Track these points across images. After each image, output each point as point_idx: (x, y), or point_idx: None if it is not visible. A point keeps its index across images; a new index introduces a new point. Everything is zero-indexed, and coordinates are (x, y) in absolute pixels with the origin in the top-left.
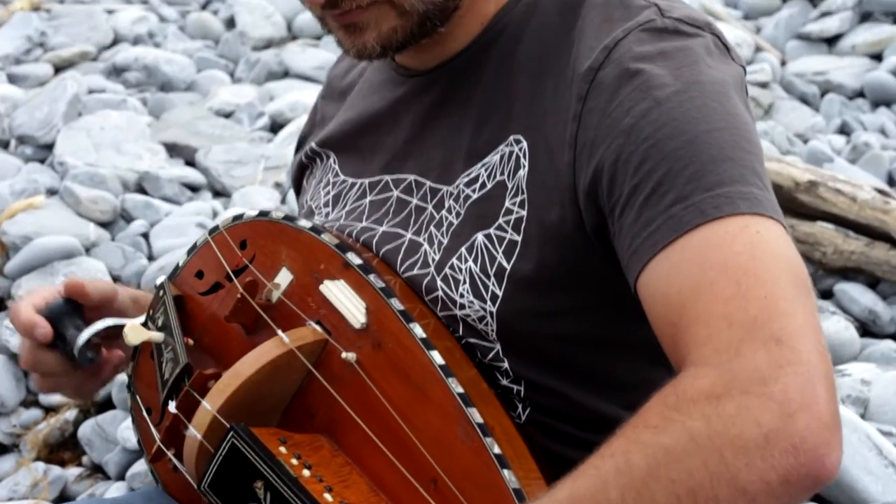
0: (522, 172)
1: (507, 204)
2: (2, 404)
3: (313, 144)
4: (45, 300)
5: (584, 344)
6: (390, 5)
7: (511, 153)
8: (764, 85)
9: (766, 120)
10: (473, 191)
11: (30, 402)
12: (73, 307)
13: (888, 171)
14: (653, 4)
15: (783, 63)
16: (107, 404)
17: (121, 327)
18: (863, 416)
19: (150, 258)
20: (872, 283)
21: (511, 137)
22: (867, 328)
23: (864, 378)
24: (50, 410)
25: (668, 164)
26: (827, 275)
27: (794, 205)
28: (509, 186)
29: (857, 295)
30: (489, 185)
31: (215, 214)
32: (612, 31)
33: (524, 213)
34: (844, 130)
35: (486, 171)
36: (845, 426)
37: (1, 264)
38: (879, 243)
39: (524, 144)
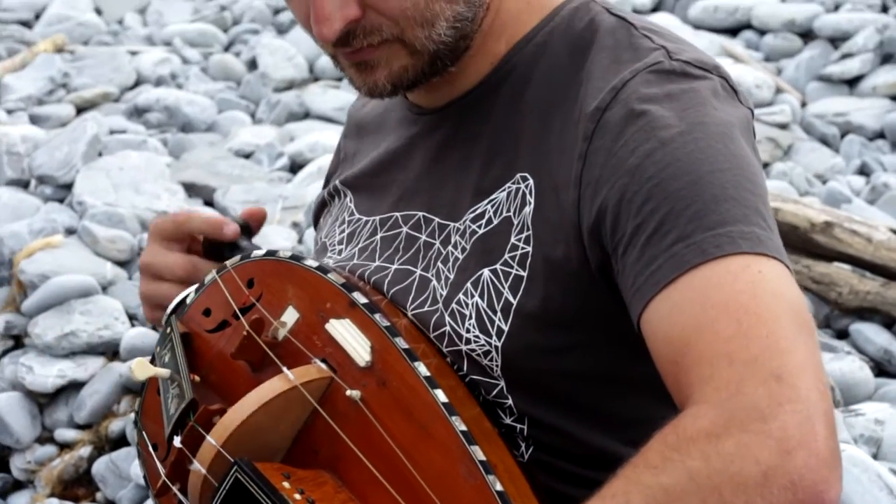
0: (528, 209)
1: (513, 240)
2: (17, 441)
3: (336, 182)
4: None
5: (588, 381)
6: (401, 44)
7: (517, 190)
8: (784, 126)
9: (786, 161)
10: (479, 226)
11: (44, 438)
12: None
13: None
14: (661, 47)
15: (804, 104)
16: (120, 441)
17: None
18: (875, 456)
19: None
20: (888, 322)
21: (518, 175)
22: (882, 368)
23: (877, 418)
24: (64, 447)
25: (671, 203)
26: (843, 315)
27: (811, 245)
28: (515, 223)
29: (873, 335)
30: (495, 221)
31: None
32: (620, 72)
33: (529, 249)
34: (864, 171)
35: (492, 207)
36: (857, 465)
37: (18, 302)
38: (895, 283)
39: (531, 182)
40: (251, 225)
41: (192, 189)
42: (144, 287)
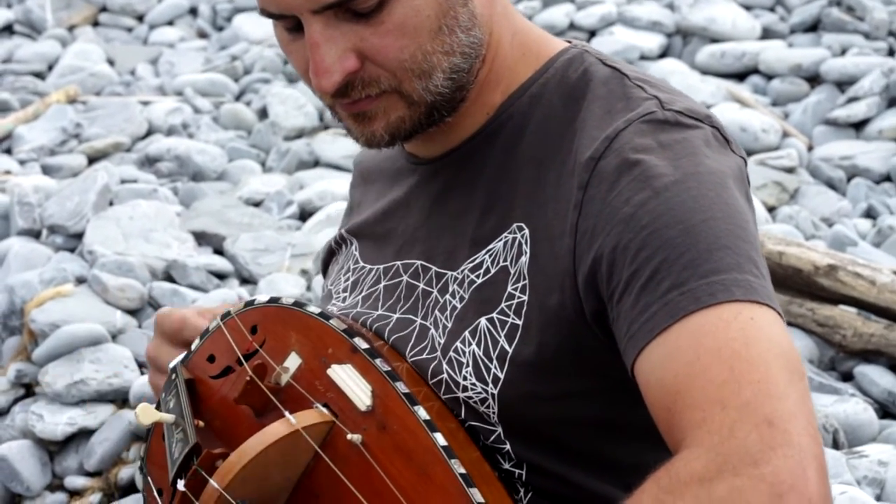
0: (524, 259)
1: (510, 289)
2: (27, 488)
3: (342, 231)
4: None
5: (585, 427)
6: (399, 95)
7: (514, 240)
8: (790, 170)
9: (792, 204)
10: (477, 276)
11: (55, 486)
12: None
13: None
14: (654, 97)
15: (810, 148)
16: (130, 488)
17: None
18: (878, 498)
19: None
20: (892, 365)
21: (514, 224)
22: (887, 410)
23: (881, 459)
24: (74, 494)
25: (666, 252)
26: (847, 357)
27: (815, 288)
28: (511, 272)
29: (877, 377)
30: (493, 271)
31: None
32: (614, 122)
33: (525, 297)
34: (870, 214)
35: (489, 257)
36: None
37: (29, 351)
38: None
39: (526, 232)
40: None
41: (202, 237)
42: (153, 378)
